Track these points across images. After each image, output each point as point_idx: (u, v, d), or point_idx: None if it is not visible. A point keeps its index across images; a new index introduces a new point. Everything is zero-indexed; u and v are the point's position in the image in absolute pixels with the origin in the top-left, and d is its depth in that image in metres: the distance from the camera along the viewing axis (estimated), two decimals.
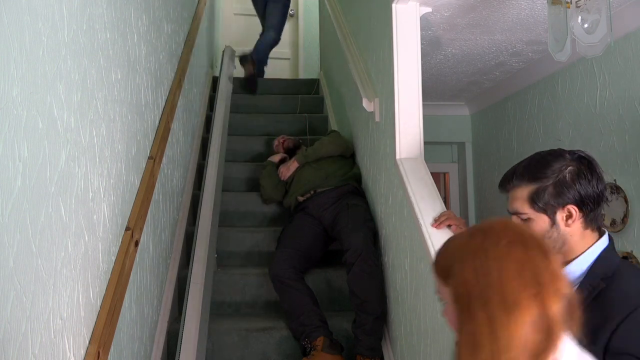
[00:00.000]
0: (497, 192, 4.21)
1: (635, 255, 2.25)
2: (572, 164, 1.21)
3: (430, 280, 1.65)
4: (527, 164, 1.26)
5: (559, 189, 1.19)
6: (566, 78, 2.81)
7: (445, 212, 1.65)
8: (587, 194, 1.19)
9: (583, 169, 1.20)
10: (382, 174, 2.30)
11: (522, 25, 2.38)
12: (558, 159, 1.22)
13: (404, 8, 2.05)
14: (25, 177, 0.94)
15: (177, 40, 2.62)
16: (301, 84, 4.70)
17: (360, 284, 2.18)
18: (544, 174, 1.21)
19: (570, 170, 1.20)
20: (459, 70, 3.10)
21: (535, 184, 1.22)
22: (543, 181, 1.21)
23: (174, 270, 2.35)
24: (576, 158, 1.22)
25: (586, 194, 1.19)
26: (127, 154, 1.64)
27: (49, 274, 1.04)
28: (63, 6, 1.15)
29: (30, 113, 0.97)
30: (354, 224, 2.33)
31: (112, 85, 1.50)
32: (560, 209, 1.21)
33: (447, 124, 4.04)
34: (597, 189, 1.20)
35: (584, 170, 1.20)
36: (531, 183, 1.23)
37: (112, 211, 1.48)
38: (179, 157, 2.64)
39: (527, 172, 1.24)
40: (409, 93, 2.03)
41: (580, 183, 1.19)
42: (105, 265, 1.40)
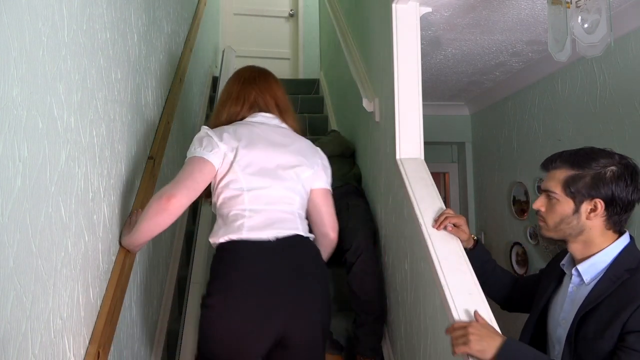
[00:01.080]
0: (497, 192, 4.22)
1: None
2: (618, 166, 1.26)
3: (430, 280, 1.65)
4: (575, 152, 1.31)
5: (595, 182, 1.25)
6: (566, 78, 2.81)
7: (444, 211, 1.66)
8: (619, 196, 1.24)
9: (626, 174, 1.25)
10: (382, 174, 2.30)
11: (522, 25, 2.38)
12: (606, 156, 1.28)
13: (404, 8, 2.05)
14: (25, 177, 0.94)
15: (177, 40, 2.62)
16: (301, 84, 4.71)
17: (360, 284, 2.18)
18: (588, 164, 1.27)
19: (613, 170, 1.26)
20: (459, 70, 3.10)
21: (575, 171, 1.28)
22: (584, 170, 1.27)
23: (174, 269, 2.35)
24: (624, 162, 1.27)
25: (619, 196, 1.24)
26: (127, 154, 1.64)
27: (49, 274, 1.04)
28: (63, 6, 1.15)
29: (30, 113, 0.97)
30: (354, 224, 2.33)
31: (112, 85, 1.50)
32: (587, 200, 1.26)
33: (447, 124, 4.05)
34: (630, 196, 1.25)
35: (626, 175, 1.25)
36: (572, 169, 1.29)
37: (112, 211, 1.48)
38: (180, 157, 2.63)
39: (573, 159, 1.30)
40: (409, 93, 2.03)
41: (617, 184, 1.24)
42: (106, 265, 1.40)
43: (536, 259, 3.15)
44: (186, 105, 2.86)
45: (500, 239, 3.55)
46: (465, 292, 1.45)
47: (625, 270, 1.22)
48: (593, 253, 1.28)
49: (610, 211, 1.26)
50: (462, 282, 1.48)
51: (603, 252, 1.27)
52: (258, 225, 1.46)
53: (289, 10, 5.52)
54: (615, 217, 1.27)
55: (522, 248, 3.30)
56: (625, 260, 1.24)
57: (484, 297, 1.44)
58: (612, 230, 1.28)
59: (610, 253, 1.26)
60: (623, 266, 1.23)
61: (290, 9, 5.53)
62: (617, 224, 1.28)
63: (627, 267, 1.22)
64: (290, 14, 5.52)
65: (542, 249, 3.08)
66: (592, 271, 1.28)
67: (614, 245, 1.27)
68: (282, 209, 1.51)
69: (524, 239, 3.27)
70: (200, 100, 3.52)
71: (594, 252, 1.28)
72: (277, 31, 5.47)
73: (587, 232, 1.29)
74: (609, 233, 1.28)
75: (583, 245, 1.30)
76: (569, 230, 1.30)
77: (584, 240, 1.30)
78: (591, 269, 1.28)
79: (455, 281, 1.49)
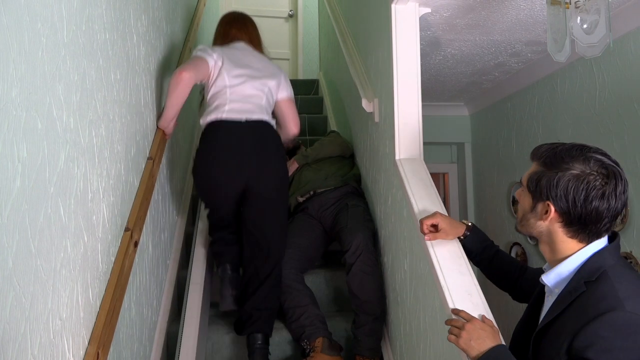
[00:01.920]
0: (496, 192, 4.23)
1: (634, 256, 2.25)
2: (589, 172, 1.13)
3: (429, 280, 1.65)
4: (553, 148, 1.20)
5: (552, 184, 1.16)
6: (565, 78, 2.82)
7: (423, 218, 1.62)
8: (575, 204, 1.13)
9: (595, 185, 1.12)
10: (382, 174, 2.30)
11: (521, 25, 2.38)
12: (581, 159, 1.14)
13: (403, 8, 2.05)
14: (24, 178, 0.94)
15: (176, 40, 2.62)
16: (301, 84, 4.71)
17: (359, 284, 2.18)
18: (556, 164, 1.17)
19: (574, 174, 1.14)
20: (458, 70, 3.11)
21: (542, 168, 1.20)
22: (550, 170, 1.17)
23: (173, 270, 2.35)
24: (598, 170, 1.13)
25: (574, 204, 1.13)
26: (126, 155, 1.64)
27: (48, 275, 1.04)
28: (62, 7, 1.15)
29: (30, 114, 0.97)
30: (353, 225, 2.33)
31: (111, 85, 1.50)
32: (542, 201, 1.19)
33: (446, 124, 4.05)
34: (591, 209, 1.12)
35: (594, 187, 1.12)
36: (541, 165, 1.21)
37: (112, 212, 1.48)
38: (179, 158, 2.64)
39: (547, 154, 1.20)
40: (408, 93, 2.03)
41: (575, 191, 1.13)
42: (105, 265, 1.40)
43: (536, 259, 3.15)
44: (185, 105, 2.86)
45: (499, 239, 3.55)
46: (465, 292, 1.45)
47: (583, 281, 1.12)
48: (560, 259, 1.19)
49: (566, 219, 1.16)
50: (462, 282, 1.48)
51: (567, 261, 1.17)
52: (234, 110, 2.13)
53: (289, 10, 5.52)
54: (575, 226, 1.15)
55: (522, 248, 3.31)
56: (587, 270, 1.13)
57: (483, 297, 1.44)
58: (577, 240, 1.17)
59: (574, 262, 1.17)
60: (582, 277, 1.13)
61: (290, 10, 5.53)
62: (582, 234, 1.16)
63: (586, 279, 1.12)
64: (289, 15, 5.52)
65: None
66: (557, 279, 1.19)
67: (579, 254, 1.17)
68: (253, 102, 2.17)
69: (524, 239, 3.27)
70: (199, 101, 3.52)
71: (560, 259, 1.19)
72: (276, 31, 5.47)
73: (549, 236, 1.20)
74: (572, 241, 1.18)
75: (549, 248, 1.22)
76: (529, 228, 1.24)
77: (548, 243, 1.22)
78: (556, 277, 1.19)
79: (454, 281, 1.49)
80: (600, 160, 1.14)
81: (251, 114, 2.14)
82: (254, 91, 2.18)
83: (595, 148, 1.18)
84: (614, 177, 1.13)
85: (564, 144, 1.21)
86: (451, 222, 1.61)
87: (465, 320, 1.28)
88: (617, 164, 1.16)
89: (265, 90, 2.22)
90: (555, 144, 1.22)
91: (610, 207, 1.12)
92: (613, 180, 1.12)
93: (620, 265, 1.16)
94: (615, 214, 1.14)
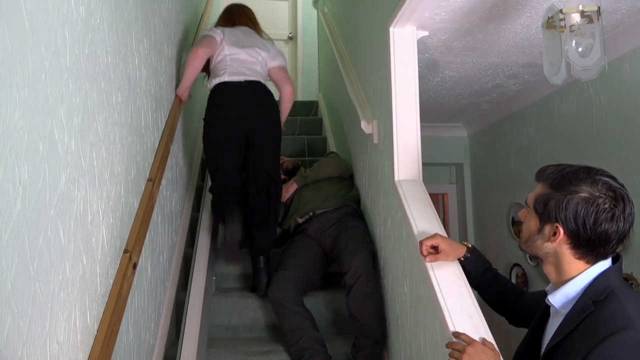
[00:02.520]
0: (495, 213, 4.21)
1: (635, 278, 2.25)
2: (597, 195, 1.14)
3: (429, 302, 1.64)
4: (560, 170, 1.20)
5: (561, 206, 1.16)
6: (562, 100, 2.84)
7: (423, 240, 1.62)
8: (584, 226, 1.14)
9: (604, 207, 1.13)
10: (381, 195, 2.30)
11: (517, 48, 2.41)
12: (588, 181, 1.15)
13: (401, 32, 2.08)
14: (25, 200, 0.95)
15: (177, 63, 2.65)
16: (300, 105, 4.74)
17: (359, 306, 2.16)
18: (563, 186, 1.17)
19: (582, 197, 1.14)
20: (456, 92, 3.14)
21: (549, 190, 1.20)
22: (557, 192, 1.17)
23: (171, 293, 2.33)
24: (606, 193, 1.14)
25: (583, 226, 1.14)
26: (126, 176, 1.65)
27: (47, 298, 1.03)
28: (66, 31, 1.17)
29: (32, 136, 0.98)
30: (353, 246, 2.32)
31: (112, 108, 1.51)
32: (550, 223, 1.19)
33: (445, 145, 4.07)
34: (600, 231, 1.13)
35: (603, 210, 1.13)
36: (548, 187, 1.20)
37: (111, 234, 1.47)
38: (178, 179, 2.64)
39: (553, 176, 1.20)
40: (406, 115, 2.05)
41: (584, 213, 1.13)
42: (103, 288, 1.39)
43: (536, 280, 3.14)
44: (185, 127, 2.88)
45: (499, 260, 3.54)
46: (465, 315, 1.44)
47: (592, 301, 1.12)
48: (566, 280, 1.19)
49: (575, 241, 1.16)
50: (462, 305, 1.47)
51: (573, 282, 1.17)
52: (234, 74, 2.55)
53: (288, 33, 5.60)
54: (584, 248, 1.16)
55: (522, 269, 3.29)
56: (594, 290, 1.13)
57: (484, 320, 1.43)
58: (585, 261, 1.17)
59: (581, 282, 1.17)
60: (590, 297, 1.13)
61: (290, 32, 5.60)
62: (590, 255, 1.17)
63: (595, 298, 1.12)
64: (289, 37, 5.60)
65: (543, 270, 3.06)
66: (564, 300, 1.19)
67: (585, 274, 1.17)
68: (249, 67, 2.60)
69: (524, 260, 3.26)
70: (199, 123, 3.54)
71: (566, 280, 1.19)
72: None
73: (555, 257, 1.20)
74: (579, 262, 1.18)
75: (555, 269, 1.22)
76: (535, 249, 1.24)
77: (554, 264, 1.22)
78: (563, 298, 1.19)
79: (454, 304, 1.48)
80: (608, 182, 1.15)
81: (248, 76, 2.57)
82: (249, 58, 2.62)
83: (602, 170, 1.19)
84: (622, 200, 1.14)
85: (570, 165, 1.21)
86: (451, 244, 1.61)
87: (466, 343, 1.27)
88: (623, 186, 1.17)
89: (259, 59, 2.66)
90: (561, 166, 1.22)
91: (619, 229, 1.13)
92: (621, 203, 1.13)
93: (625, 286, 1.16)
94: (623, 236, 1.15)
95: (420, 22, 2.07)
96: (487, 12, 2.02)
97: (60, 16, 1.14)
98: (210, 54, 2.57)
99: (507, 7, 1.98)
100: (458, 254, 1.61)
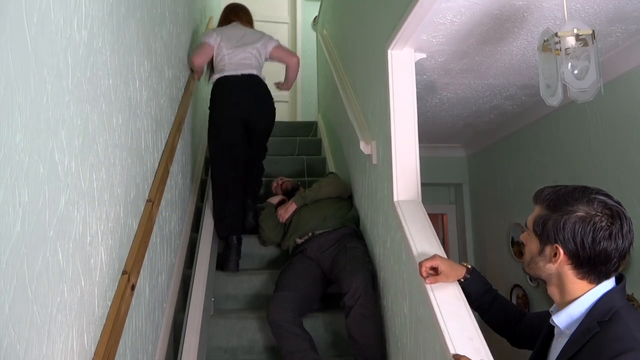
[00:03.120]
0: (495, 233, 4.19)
1: (636, 298, 2.23)
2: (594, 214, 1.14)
3: (429, 324, 1.63)
4: (556, 191, 1.21)
5: (559, 227, 1.17)
6: (560, 120, 2.86)
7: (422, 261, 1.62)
8: (583, 246, 1.14)
9: (601, 226, 1.13)
10: (380, 216, 2.30)
11: (514, 70, 2.44)
12: (584, 201, 1.16)
13: (399, 54, 2.11)
14: (24, 222, 0.95)
15: (177, 84, 2.68)
16: (299, 126, 4.77)
17: (359, 328, 2.15)
18: (560, 207, 1.18)
19: (580, 216, 1.15)
20: (455, 113, 3.16)
21: (547, 211, 1.21)
22: (555, 213, 1.18)
23: (169, 314, 2.31)
24: (602, 211, 1.14)
25: (582, 246, 1.14)
26: (125, 197, 1.65)
27: (44, 321, 1.02)
28: (68, 54, 1.18)
29: (32, 158, 0.99)
30: (352, 267, 2.32)
31: (113, 129, 1.52)
32: (550, 244, 1.19)
33: (444, 165, 4.08)
34: (599, 250, 1.13)
35: (600, 228, 1.13)
36: (545, 208, 1.21)
37: (110, 255, 1.47)
38: (178, 200, 2.64)
39: (550, 198, 1.21)
40: (405, 136, 2.06)
41: (583, 233, 1.14)
42: (101, 310, 1.38)
43: (537, 301, 3.12)
44: (185, 148, 2.89)
45: (499, 280, 3.52)
46: (466, 337, 1.43)
47: (597, 322, 1.11)
48: (570, 301, 1.19)
49: (576, 261, 1.16)
50: (462, 327, 1.46)
51: (578, 302, 1.17)
52: (232, 69, 2.98)
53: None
54: (586, 267, 1.16)
55: (523, 290, 3.27)
56: (599, 310, 1.13)
57: (484, 342, 1.42)
58: (587, 281, 1.17)
59: (585, 302, 1.17)
60: (595, 317, 1.12)
61: None
62: (592, 275, 1.17)
63: (599, 319, 1.12)
64: None
65: (543, 291, 3.05)
66: (568, 321, 1.18)
67: (589, 294, 1.17)
68: (244, 62, 3.02)
69: (524, 281, 3.24)
70: (199, 143, 3.56)
71: (570, 300, 1.19)
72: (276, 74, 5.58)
73: (558, 278, 1.20)
74: (582, 282, 1.18)
75: (559, 290, 1.22)
76: (538, 271, 1.24)
77: (558, 285, 1.22)
78: (567, 318, 1.19)
79: (455, 325, 1.47)
80: (604, 201, 1.16)
81: (244, 70, 2.99)
82: (245, 54, 3.03)
83: (597, 189, 1.19)
84: (619, 217, 1.14)
85: (566, 186, 1.22)
86: (451, 265, 1.60)
87: None
88: (620, 204, 1.17)
89: (253, 52, 3.06)
90: (557, 187, 1.23)
91: (618, 246, 1.14)
92: (618, 220, 1.14)
93: (629, 306, 1.16)
94: (623, 253, 1.15)
95: (418, 45, 2.10)
96: (484, 35, 2.05)
97: (63, 40, 1.16)
98: (206, 60, 3.07)
99: (503, 30, 2.01)
100: (458, 275, 1.60)
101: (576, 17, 1.88)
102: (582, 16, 1.89)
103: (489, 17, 1.89)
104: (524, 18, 1.91)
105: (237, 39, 3.08)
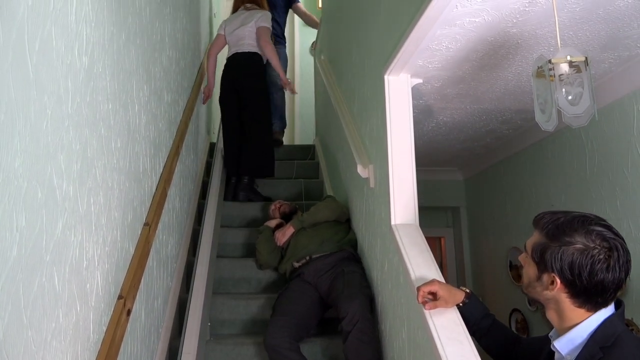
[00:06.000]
0: (493, 257, 4.18)
1: (635, 323, 2.22)
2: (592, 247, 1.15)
3: (428, 350, 1.61)
4: (555, 219, 1.22)
5: (556, 257, 1.17)
6: (555, 145, 2.89)
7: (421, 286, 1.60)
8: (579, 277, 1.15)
9: (599, 258, 1.14)
10: (378, 239, 2.30)
11: (510, 95, 2.47)
12: (582, 232, 1.16)
13: (396, 79, 2.13)
14: (21, 247, 0.95)
15: (176, 109, 2.70)
16: (297, 149, 4.79)
17: (357, 353, 2.12)
18: (558, 236, 1.18)
19: (577, 248, 1.15)
20: (451, 137, 3.18)
21: (545, 239, 1.21)
22: (553, 242, 1.19)
23: (165, 340, 2.29)
24: (604, 245, 1.14)
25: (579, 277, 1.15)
26: (123, 221, 1.65)
27: (39, 347, 1.01)
28: (69, 80, 1.20)
29: (31, 183, 0.99)
30: (350, 291, 2.30)
31: (111, 153, 1.53)
32: (548, 272, 1.20)
33: (441, 189, 4.09)
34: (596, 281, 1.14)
35: (598, 260, 1.14)
36: (544, 236, 1.22)
37: (106, 279, 1.46)
38: (175, 223, 2.64)
39: (549, 226, 1.21)
40: (402, 160, 2.08)
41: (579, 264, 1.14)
42: (96, 335, 1.37)
43: (536, 325, 3.09)
44: (183, 171, 2.90)
45: (498, 305, 3.49)
46: None
47: (599, 348, 1.12)
48: (569, 326, 1.19)
49: (572, 290, 1.17)
50: (461, 352, 1.45)
51: (578, 328, 1.17)
52: (231, 50, 3.81)
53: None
54: (582, 297, 1.17)
55: (522, 315, 3.25)
56: (601, 336, 1.14)
57: None
58: (585, 309, 1.18)
59: (587, 328, 1.17)
60: (598, 343, 1.12)
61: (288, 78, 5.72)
62: (589, 304, 1.17)
63: (602, 345, 1.12)
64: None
65: (542, 315, 3.03)
66: (570, 347, 1.18)
67: (590, 321, 1.17)
68: (240, 42, 3.78)
69: (523, 305, 3.22)
70: (197, 166, 3.57)
71: (570, 326, 1.19)
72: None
73: (556, 304, 1.21)
74: (580, 310, 1.18)
75: (557, 315, 1.22)
76: (536, 295, 1.24)
77: (556, 310, 1.22)
78: (569, 344, 1.18)
79: (453, 351, 1.45)
80: (602, 233, 1.16)
81: (239, 48, 3.76)
82: (240, 34, 3.77)
83: (597, 219, 1.20)
84: (616, 250, 1.15)
85: (565, 214, 1.22)
86: (450, 290, 1.59)
87: None
88: (618, 235, 1.17)
89: (246, 33, 3.76)
90: (557, 215, 1.23)
91: (615, 278, 1.15)
92: (615, 253, 1.14)
93: (628, 331, 1.17)
94: (619, 284, 1.16)
95: (414, 70, 2.13)
96: (479, 61, 2.08)
97: (64, 66, 1.17)
98: (220, 48, 3.88)
99: (497, 57, 2.05)
100: (457, 300, 1.60)
101: (569, 43, 1.91)
102: (575, 43, 1.93)
103: (483, 43, 1.92)
104: (518, 45, 1.94)
105: (237, 24, 3.81)
